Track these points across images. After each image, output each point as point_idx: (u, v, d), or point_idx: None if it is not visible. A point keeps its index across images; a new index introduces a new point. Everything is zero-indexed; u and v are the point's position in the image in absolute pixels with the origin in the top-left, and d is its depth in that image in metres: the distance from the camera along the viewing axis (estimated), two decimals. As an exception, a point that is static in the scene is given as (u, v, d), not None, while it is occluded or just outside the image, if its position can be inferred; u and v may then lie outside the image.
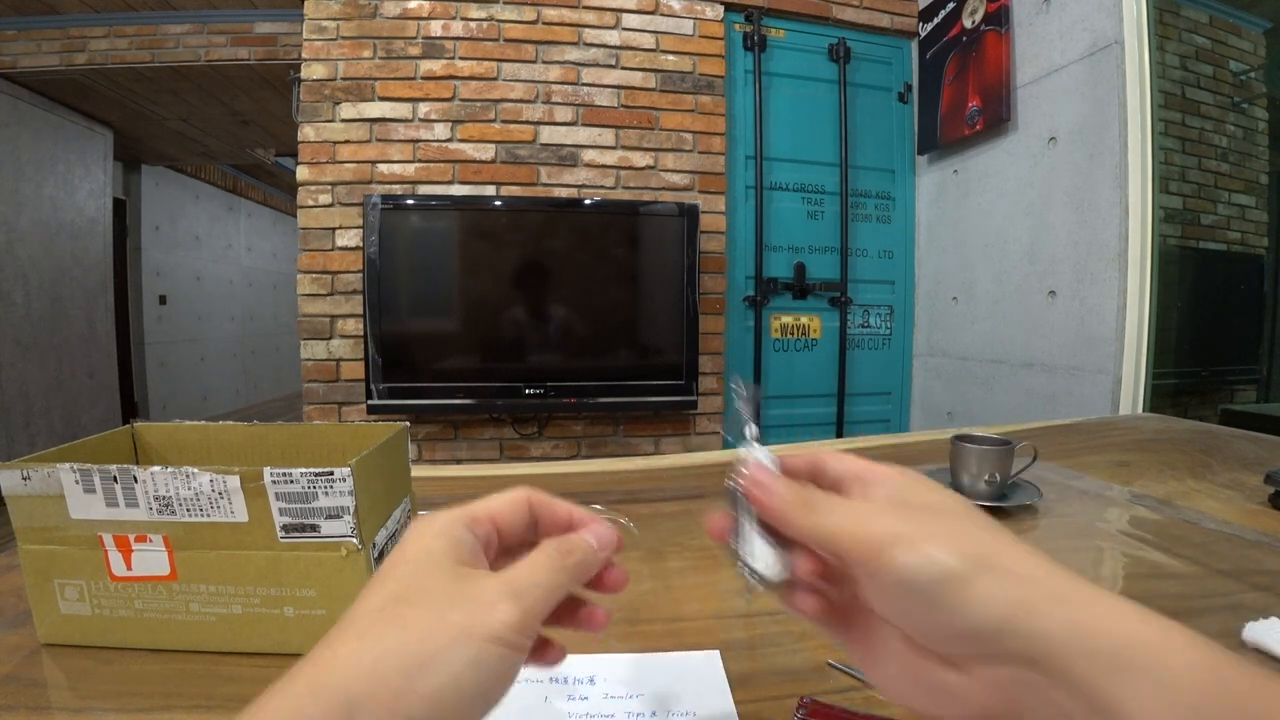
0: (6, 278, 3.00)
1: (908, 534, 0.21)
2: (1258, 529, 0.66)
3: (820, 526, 0.24)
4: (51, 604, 0.43)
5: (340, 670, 0.19)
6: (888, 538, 0.22)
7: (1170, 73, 1.86)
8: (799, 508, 0.24)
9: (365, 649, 0.20)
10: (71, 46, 2.64)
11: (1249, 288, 2.10)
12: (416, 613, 0.21)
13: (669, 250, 2.13)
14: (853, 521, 0.23)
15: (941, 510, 0.23)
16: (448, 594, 0.22)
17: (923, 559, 0.21)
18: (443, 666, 0.20)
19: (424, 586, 0.22)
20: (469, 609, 0.21)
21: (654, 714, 0.38)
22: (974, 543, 0.21)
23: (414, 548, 0.24)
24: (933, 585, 0.21)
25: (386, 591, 0.22)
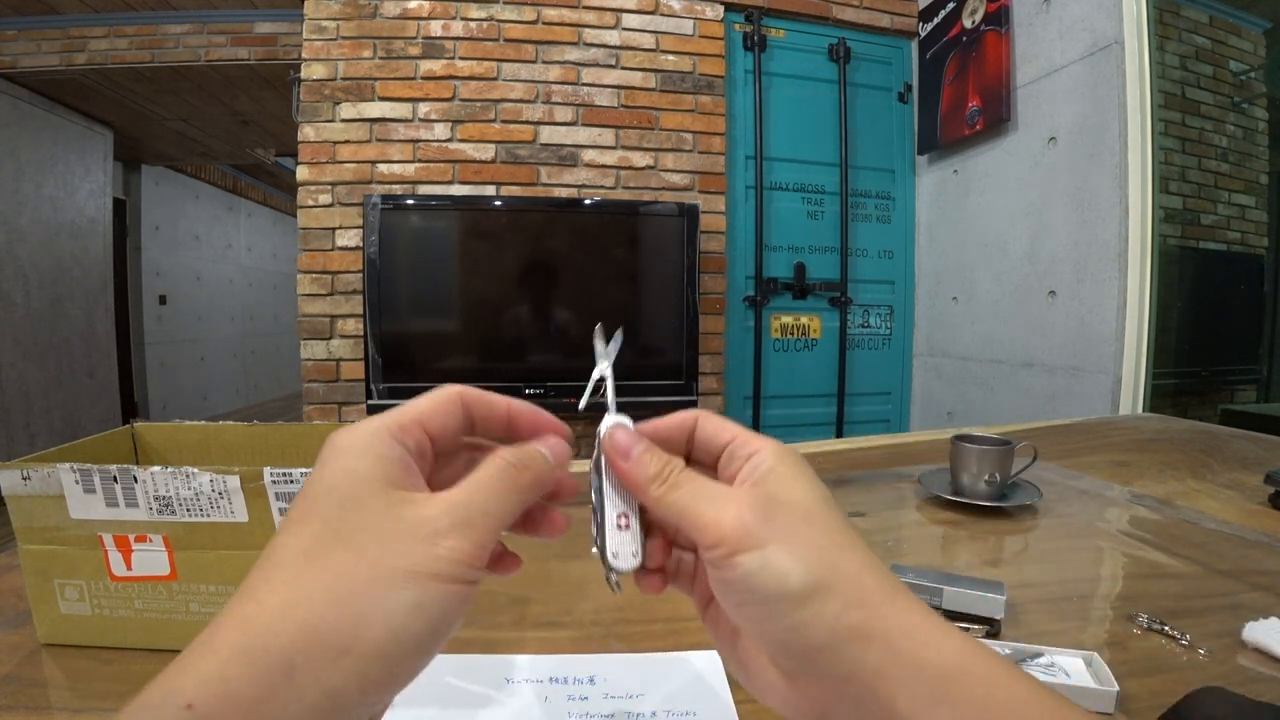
0: (6, 278, 3.00)
1: (758, 535, 0.20)
2: (1258, 529, 0.66)
3: (675, 504, 0.22)
4: (51, 604, 0.43)
5: (271, 629, 0.17)
6: (737, 534, 0.21)
7: (1170, 73, 1.86)
8: (655, 481, 0.23)
9: (297, 603, 0.18)
10: (71, 46, 2.64)
11: (1249, 288, 2.10)
12: (349, 555, 0.18)
13: (669, 250, 2.13)
14: (708, 507, 0.22)
15: (801, 511, 0.21)
16: (383, 529, 0.19)
17: (765, 567, 0.20)
18: (386, 617, 0.18)
19: (355, 522, 0.19)
20: (410, 546, 0.19)
21: (654, 714, 0.38)
22: (822, 555, 0.20)
23: (337, 471, 0.20)
24: (770, 596, 0.20)
25: (312, 530, 0.19)
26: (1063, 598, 0.52)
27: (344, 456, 0.20)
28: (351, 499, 0.20)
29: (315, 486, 0.20)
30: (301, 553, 0.19)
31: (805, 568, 0.20)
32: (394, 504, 0.20)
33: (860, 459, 0.97)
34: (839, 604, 0.19)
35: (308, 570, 0.18)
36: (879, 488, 0.83)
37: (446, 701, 0.39)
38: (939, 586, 0.47)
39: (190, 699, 0.16)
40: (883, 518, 0.72)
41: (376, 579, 0.18)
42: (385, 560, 0.18)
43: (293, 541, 0.19)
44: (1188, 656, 0.43)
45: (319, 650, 0.17)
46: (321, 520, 0.19)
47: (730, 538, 0.21)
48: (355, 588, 0.18)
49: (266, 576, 0.18)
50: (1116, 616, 0.50)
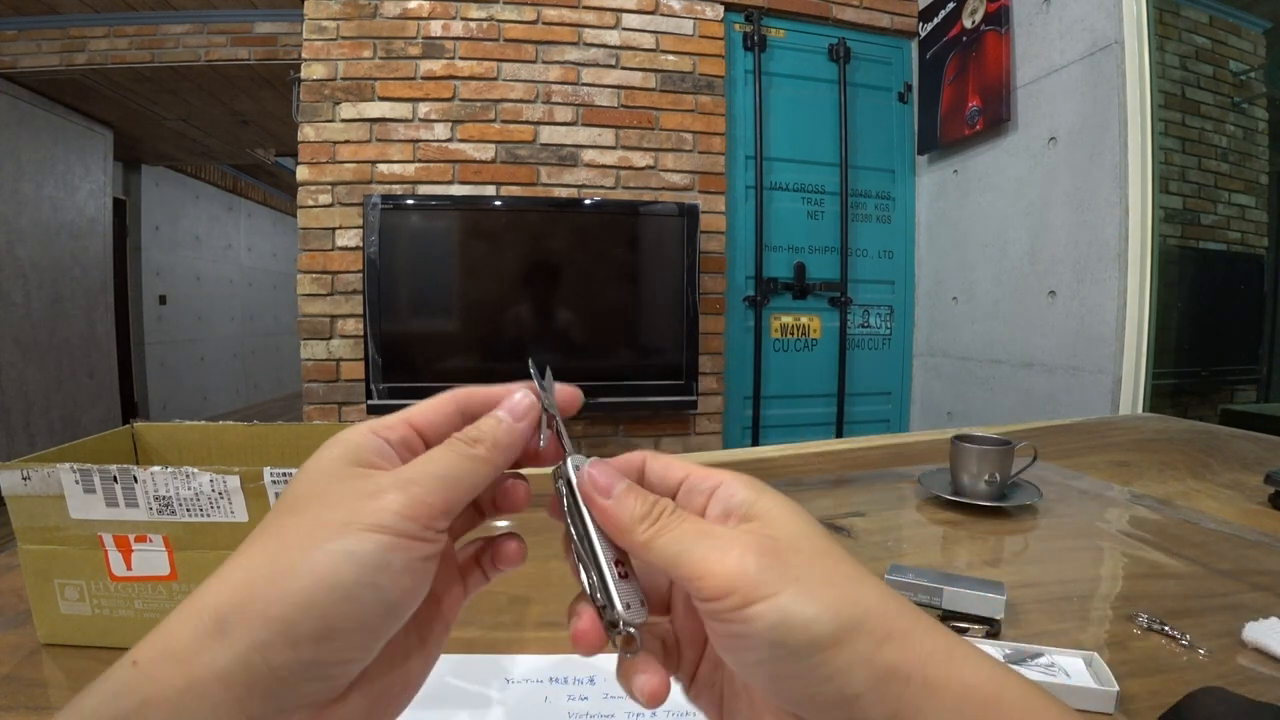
0: (6, 278, 3.00)
1: (770, 581, 0.18)
2: (1258, 529, 0.66)
3: (666, 549, 0.20)
4: (51, 604, 0.43)
5: (212, 590, 0.18)
6: (746, 581, 0.18)
7: (1170, 73, 1.86)
8: (643, 522, 0.20)
9: (238, 565, 0.18)
10: (71, 46, 2.64)
11: (1249, 288, 2.10)
12: (293, 519, 0.19)
13: (669, 250, 2.13)
14: (707, 550, 0.19)
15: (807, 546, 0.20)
16: (333, 494, 0.19)
17: (786, 617, 0.18)
18: (315, 564, 0.18)
19: (311, 493, 0.20)
20: (349, 503, 0.19)
21: (654, 715, 0.38)
22: (842, 592, 0.19)
23: (310, 462, 0.21)
24: (798, 648, 0.18)
25: (276, 510, 0.20)
26: (1063, 598, 0.52)
27: (320, 452, 0.21)
28: (314, 477, 0.20)
29: (294, 477, 0.21)
30: (263, 527, 0.20)
31: (830, 610, 0.18)
32: (350, 477, 0.20)
33: (860, 459, 0.97)
34: (870, 643, 0.18)
35: (259, 537, 0.19)
36: (879, 488, 0.83)
37: (446, 701, 0.39)
38: (939, 586, 0.47)
39: (137, 656, 0.17)
40: (883, 518, 0.72)
41: (312, 534, 0.18)
42: (322, 516, 0.19)
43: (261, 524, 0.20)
44: (1188, 656, 0.43)
45: (250, 604, 0.17)
46: (285, 500, 0.20)
47: (740, 586, 0.18)
48: (289, 543, 0.18)
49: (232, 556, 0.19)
50: (1116, 616, 0.50)
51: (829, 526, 0.69)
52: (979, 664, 0.18)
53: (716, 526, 0.20)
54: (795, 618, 0.18)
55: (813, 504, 0.77)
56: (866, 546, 0.64)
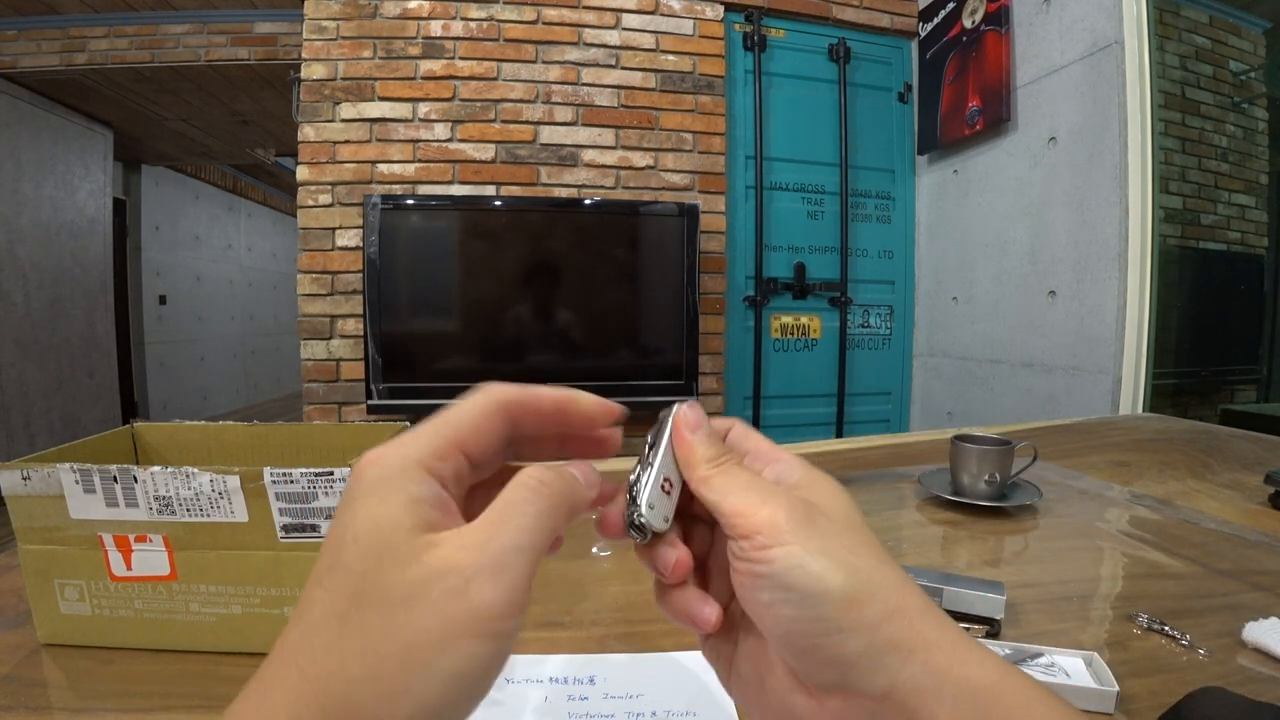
0: (6, 278, 3.00)
1: (797, 534, 0.20)
2: (1258, 529, 0.66)
3: (719, 487, 0.22)
4: (51, 604, 0.43)
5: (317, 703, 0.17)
6: (776, 527, 0.20)
7: (1170, 73, 1.86)
8: (709, 461, 0.23)
9: (335, 674, 0.17)
10: (71, 46, 2.64)
11: (1249, 288, 2.10)
12: (379, 620, 0.17)
13: (669, 250, 2.13)
14: (751, 496, 0.21)
15: (841, 520, 0.21)
16: (411, 584, 0.18)
17: (802, 564, 0.19)
18: (425, 693, 0.17)
19: (382, 577, 0.18)
20: (440, 605, 0.17)
21: (654, 714, 0.38)
22: (863, 563, 0.20)
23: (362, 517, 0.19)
24: (809, 595, 0.19)
25: (339, 585, 0.18)
26: (1063, 598, 0.52)
27: (370, 499, 0.19)
28: (378, 550, 0.18)
29: (341, 532, 0.19)
30: (335, 614, 0.18)
31: (845, 572, 0.19)
32: (420, 551, 0.18)
33: (860, 459, 0.97)
34: (878, 612, 0.19)
35: (342, 636, 0.17)
36: (879, 488, 0.83)
37: (446, 701, 0.39)
38: (939, 586, 0.47)
39: None
40: (883, 518, 0.72)
41: (409, 650, 0.17)
42: (415, 624, 0.17)
43: (325, 598, 0.18)
44: (1188, 656, 0.43)
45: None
46: (347, 573, 0.18)
47: (768, 529, 0.20)
48: (388, 661, 0.17)
49: (304, 637, 0.18)
50: (1116, 616, 0.50)
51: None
52: (983, 660, 0.19)
53: (765, 481, 0.22)
54: (810, 566, 0.19)
55: (813, 504, 0.77)
56: (866, 546, 0.64)
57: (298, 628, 0.18)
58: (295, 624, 0.18)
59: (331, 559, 0.19)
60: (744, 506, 0.21)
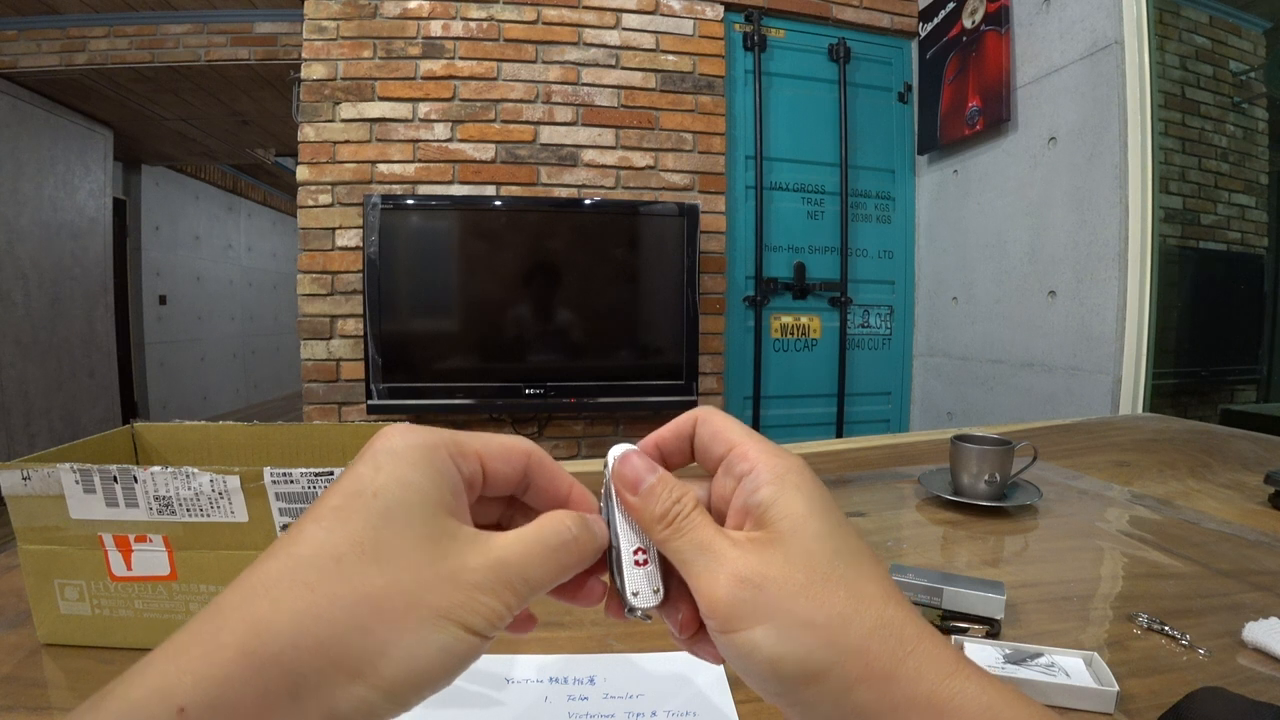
0: (6, 278, 3.00)
1: (748, 615, 0.19)
2: (1258, 529, 0.66)
3: (676, 554, 0.21)
4: (51, 604, 0.43)
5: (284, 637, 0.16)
6: (728, 610, 0.19)
7: (1170, 73, 1.86)
8: (661, 523, 0.21)
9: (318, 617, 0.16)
10: (71, 46, 2.64)
11: (1249, 288, 2.10)
12: (383, 578, 0.17)
13: (669, 250, 2.13)
14: (705, 567, 0.20)
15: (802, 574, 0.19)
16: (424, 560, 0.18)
17: (755, 650, 0.19)
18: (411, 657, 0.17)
19: (397, 540, 0.18)
20: (449, 590, 0.18)
21: (654, 714, 0.38)
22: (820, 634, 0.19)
23: (388, 474, 0.19)
24: (766, 677, 0.19)
25: (349, 533, 0.18)
26: (1063, 598, 0.52)
27: (399, 461, 0.19)
28: (399, 512, 0.18)
29: (359, 483, 0.19)
30: (334, 557, 0.17)
31: (799, 651, 0.18)
32: (441, 534, 0.19)
33: (860, 459, 0.97)
34: (840, 686, 0.18)
35: (335, 580, 0.17)
36: (879, 488, 0.83)
37: (446, 701, 0.39)
38: (939, 586, 0.47)
39: (184, 702, 0.15)
40: (883, 518, 0.72)
41: (407, 613, 0.17)
42: (420, 596, 0.17)
43: (323, 537, 0.18)
44: (1188, 656, 0.43)
45: (331, 672, 0.16)
46: (360, 524, 0.18)
47: (721, 613, 0.19)
48: (383, 616, 0.17)
49: (288, 572, 0.17)
50: (1116, 616, 0.50)
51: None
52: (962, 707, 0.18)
53: (720, 539, 0.21)
54: (763, 652, 0.19)
55: (813, 504, 0.77)
56: (866, 546, 0.64)
57: (281, 560, 0.17)
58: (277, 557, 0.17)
59: (343, 505, 0.18)
60: (699, 583, 0.20)
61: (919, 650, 0.19)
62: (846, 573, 0.20)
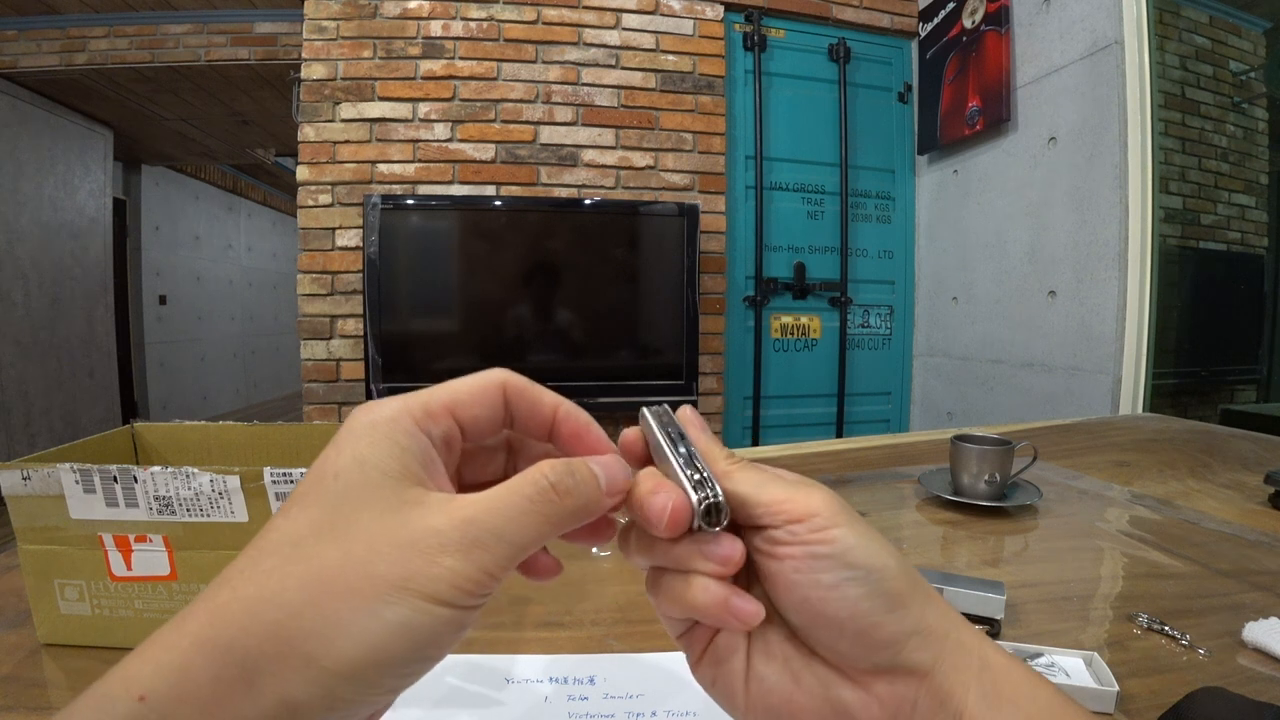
0: (6, 278, 3.00)
1: (846, 519, 0.20)
2: (1258, 529, 0.66)
3: (748, 480, 0.21)
4: (51, 604, 0.43)
5: (238, 623, 0.16)
6: (827, 509, 0.20)
7: (1170, 73, 1.86)
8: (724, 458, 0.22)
9: (270, 599, 0.16)
10: (71, 46, 2.64)
11: (1249, 288, 2.10)
12: (337, 552, 0.16)
13: (669, 250, 2.13)
14: (782, 486, 0.21)
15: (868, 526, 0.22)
16: (381, 529, 0.17)
17: (860, 544, 0.20)
18: (365, 633, 0.16)
19: (353, 515, 0.17)
20: (406, 556, 0.17)
21: (654, 714, 0.38)
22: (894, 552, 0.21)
23: (346, 455, 0.18)
24: (875, 571, 0.19)
25: (306, 518, 0.17)
26: (1063, 598, 0.52)
27: (358, 440, 0.18)
28: (356, 489, 0.17)
29: (322, 467, 0.18)
30: (290, 541, 0.17)
31: (890, 555, 0.20)
32: (401, 503, 0.17)
33: (860, 459, 0.97)
34: (919, 595, 0.20)
35: (290, 562, 0.16)
36: (879, 488, 0.83)
37: (446, 701, 0.39)
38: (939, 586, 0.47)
39: (145, 689, 0.15)
40: (883, 518, 0.72)
41: (361, 586, 0.16)
42: (375, 566, 0.16)
43: (285, 525, 0.17)
44: (1188, 656, 0.43)
45: (285, 655, 0.15)
46: (319, 507, 0.17)
47: (824, 512, 0.20)
48: (335, 591, 0.16)
49: (251, 562, 0.17)
50: (1116, 616, 0.50)
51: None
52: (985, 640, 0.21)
53: (786, 475, 0.22)
54: (869, 545, 0.20)
55: (813, 504, 0.77)
56: (866, 546, 0.64)
57: (245, 554, 0.17)
58: (244, 553, 0.17)
59: (302, 492, 0.18)
60: (785, 495, 0.20)
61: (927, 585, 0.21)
62: None
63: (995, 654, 0.20)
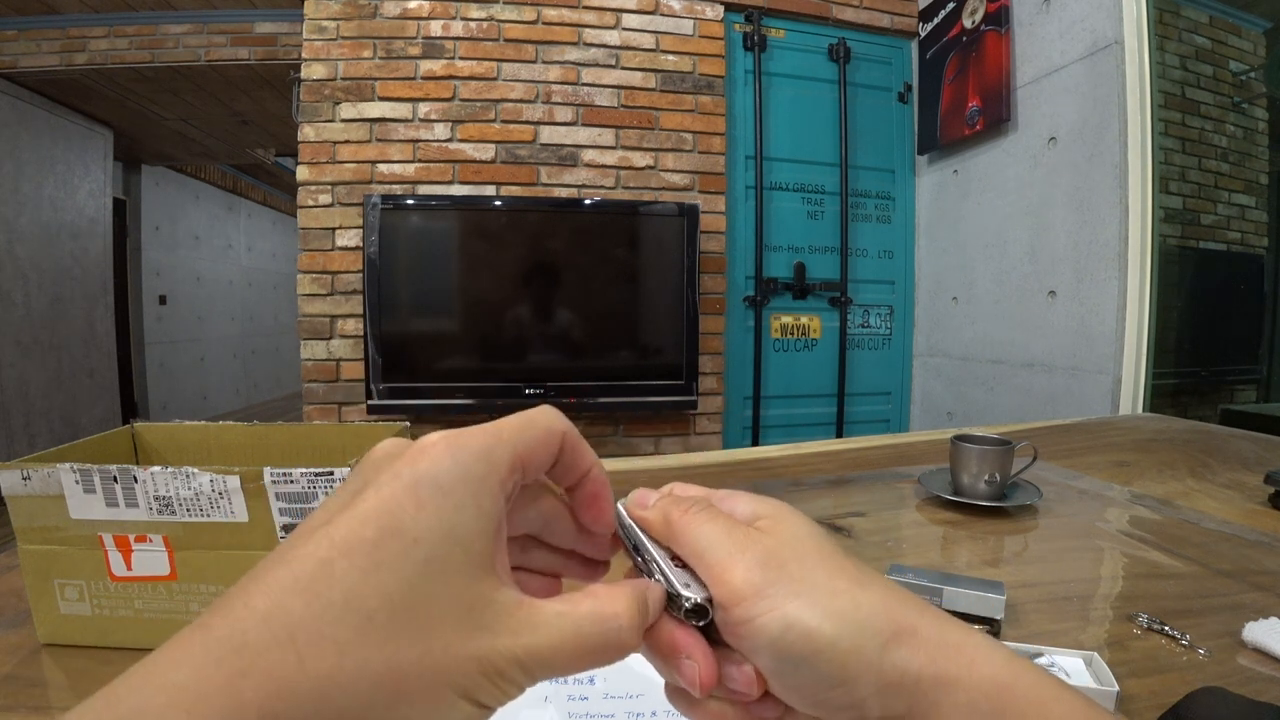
0: (6, 278, 3.00)
1: (772, 591, 0.19)
2: (1258, 529, 0.66)
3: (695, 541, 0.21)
4: (51, 604, 0.43)
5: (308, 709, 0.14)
6: (750, 591, 0.19)
7: (1170, 73, 1.86)
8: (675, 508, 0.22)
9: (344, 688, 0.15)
10: (71, 46, 2.64)
11: (1249, 288, 2.10)
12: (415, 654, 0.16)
13: (669, 250, 2.13)
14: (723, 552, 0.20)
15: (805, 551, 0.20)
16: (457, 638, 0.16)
17: (788, 628, 0.18)
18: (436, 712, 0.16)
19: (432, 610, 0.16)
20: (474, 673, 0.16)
21: (654, 714, 0.38)
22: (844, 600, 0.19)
23: (431, 515, 0.17)
24: (806, 657, 0.18)
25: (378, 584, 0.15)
26: (1063, 598, 0.52)
27: (444, 499, 0.17)
28: (437, 567, 0.16)
29: (399, 520, 0.16)
30: (365, 614, 0.15)
31: (832, 618, 0.18)
32: (478, 600, 0.17)
33: (860, 459, 0.97)
34: (875, 645, 0.18)
35: (365, 645, 0.15)
36: (879, 488, 0.83)
37: (446, 701, 0.39)
38: (939, 586, 0.47)
39: None
40: (883, 518, 0.72)
41: (433, 690, 0.16)
42: (449, 676, 0.16)
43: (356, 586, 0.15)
44: (1188, 656, 0.43)
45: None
46: (393, 575, 0.16)
47: (747, 597, 0.19)
48: (408, 695, 0.15)
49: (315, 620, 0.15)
50: (1116, 616, 0.50)
51: (829, 527, 0.69)
52: (990, 654, 0.19)
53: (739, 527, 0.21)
54: (797, 628, 0.18)
55: (813, 504, 0.77)
56: (866, 546, 0.64)
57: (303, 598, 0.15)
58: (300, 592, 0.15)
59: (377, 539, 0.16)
60: (718, 570, 0.20)
61: (928, 609, 0.20)
62: (837, 552, 0.21)
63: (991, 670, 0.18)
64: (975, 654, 0.19)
